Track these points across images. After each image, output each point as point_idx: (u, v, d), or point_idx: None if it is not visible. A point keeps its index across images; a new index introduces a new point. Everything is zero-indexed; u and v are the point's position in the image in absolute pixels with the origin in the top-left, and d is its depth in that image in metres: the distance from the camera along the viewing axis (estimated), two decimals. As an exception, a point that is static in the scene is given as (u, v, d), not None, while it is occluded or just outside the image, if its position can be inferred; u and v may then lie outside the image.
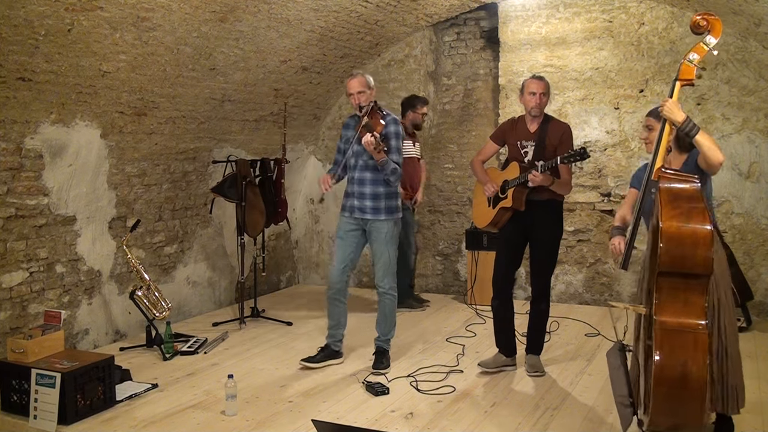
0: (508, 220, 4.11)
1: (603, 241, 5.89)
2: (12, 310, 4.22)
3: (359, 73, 4.21)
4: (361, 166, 4.19)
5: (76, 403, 3.51)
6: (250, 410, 3.68)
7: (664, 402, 2.45)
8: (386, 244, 4.21)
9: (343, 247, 4.27)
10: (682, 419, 2.49)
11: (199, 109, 5.20)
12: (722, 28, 2.82)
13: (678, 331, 2.51)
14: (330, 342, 4.42)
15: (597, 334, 5.02)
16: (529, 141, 4.07)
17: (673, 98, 2.81)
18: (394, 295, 4.30)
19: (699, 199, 2.63)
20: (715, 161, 2.78)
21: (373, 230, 4.21)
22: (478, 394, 3.89)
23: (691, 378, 2.44)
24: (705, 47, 2.80)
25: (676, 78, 2.84)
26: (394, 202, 4.24)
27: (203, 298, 5.88)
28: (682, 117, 2.77)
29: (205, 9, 4.23)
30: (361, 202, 4.18)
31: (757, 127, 5.34)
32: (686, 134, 2.81)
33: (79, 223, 4.66)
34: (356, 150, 4.19)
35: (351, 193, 4.24)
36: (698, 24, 2.80)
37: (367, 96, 4.14)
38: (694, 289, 2.57)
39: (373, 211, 4.17)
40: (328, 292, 4.35)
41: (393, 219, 4.23)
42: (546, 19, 5.96)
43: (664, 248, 2.53)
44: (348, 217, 4.26)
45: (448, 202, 6.57)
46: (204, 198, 5.73)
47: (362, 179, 4.18)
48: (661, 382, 2.45)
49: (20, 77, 3.83)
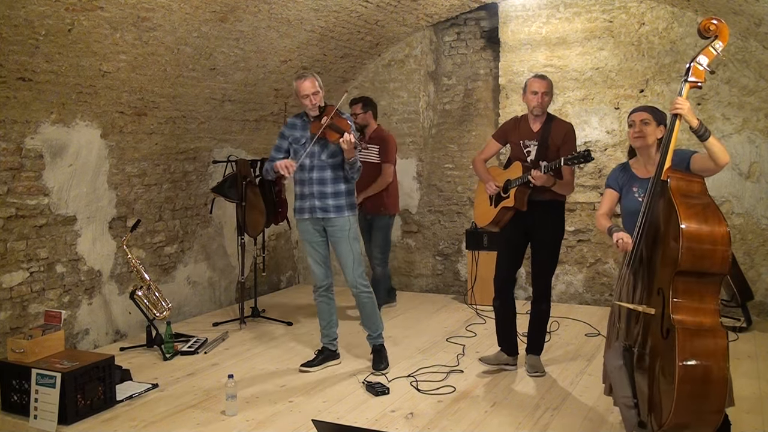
0: (510, 220, 4.11)
1: (603, 241, 5.89)
2: (12, 310, 4.22)
3: (309, 74, 4.13)
4: (319, 166, 4.13)
5: (76, 403, 3.51)
6: (250, 410, 3.68)
7: (688, 401, 2.47)
8: (351, 241, 4.19)
9: (314, 248, 4.25)
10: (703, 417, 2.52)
11: (200, 109, 5.20)
12: (729, 33, 2.83)
13: (696, 331, 2.54)
14: (326, 343, 4.41)
15: (597, 334, 5.02)
16: (531, 140, 4.06)
17: (683, 98, 2.79)
18: (369, 291, 4.29)
19: (708, 197, 2.68)
20: (723, 162, 2.80)
21: (336, 229, 4.17)
22: (479, 394, 3.89)
23: (713, 375, 2.48)
24: (714, 51, 2.80)
25: (685, 79, 2.82)
26: (352, 198, 4.25)
27: (203, 298, 5.88)
28: (696, 120, 2.77)
29: (205, 9, 4.23)
30: (323, 201, 4.13)
31: (758, 127, 5.34)
32: (699, 136, 2.79)
33: (80, 223, 4.66)
34: (311, 150, 4.11)
35: (309, 194, 4.15)
36: (708, 28, 2.80)
37: (320, 96, 4.10)
38: (708, 288, 2.62)
39: (335, 209, 4.14)
40: (316, 292, 4.35)
41: (354, 215, 4.24)
42: (546, 19, 5.97)
43: (685, 247, 2.56)
44: (308, 219, 4.19)
45: (448, 202, 6.57)
46: (204, 198, 5.73)
47: (322, 179, 4.13)
48: (686, 380, 2.47)
49: (20, 77, 3.83)
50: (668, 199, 2.67)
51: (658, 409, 2.60)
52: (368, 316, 4.32)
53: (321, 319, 4.40)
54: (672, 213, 2.62)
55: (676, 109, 2.78)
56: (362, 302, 4.29)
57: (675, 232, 2.59)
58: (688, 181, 2.73)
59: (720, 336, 2.53)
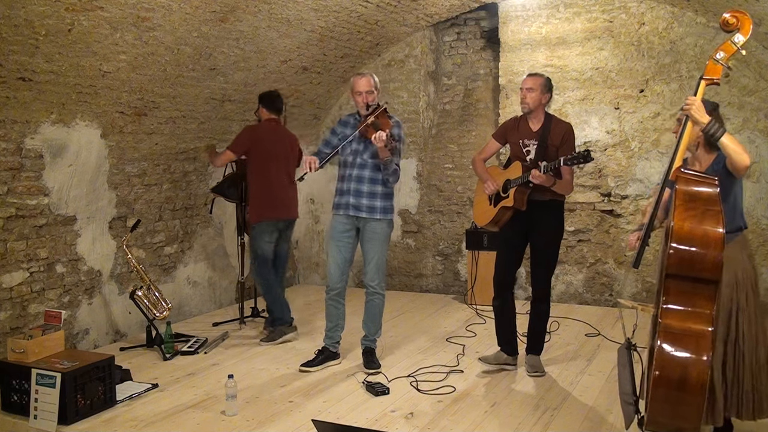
0: (509, 220, 4.11)
1: (603, 241, 5.89)
2: (12, 310, 4.22)
3: (368, 73, 4.22)
4: (360, 164, 4.17)
5: (76, 403, 3.51)
6: (250, 410, 3.68)
7: (663, 403, 2.45)
8: (380, 244, 4.20)
9: (339, 249, 4.24)
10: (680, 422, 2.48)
11: (200, 109, 5.20)
12: (751, 26, 2.71)
13: (681, 335, 2.47)
14: (328, 344, 4.41)
15: (597, 334, 5.02)
16: (531, 140, 4.07)
17: (697, 97, 2.72)
18: (383, 294, 4.31)
19: (716, 203, 2.55)
20: (741, 164, 2.71)
21: (367, 229, 4.19)
22: (479, 394, 3.89)
23: (690, 382, 2.41)
24: (733, 46, 2.70)
25: (701, 76, 2.74)
26: (389, 202, 4.23)
27: (203, 298, 5.88)
28: (707, 118, 2.70)
29: (205, 9, 4.23)
30: (357, 200, 4.15)
31: (758, 127, 5.34)
32: (711, 136, 2.72)
33: (80, 223, 4.66)
34: (355, 148, 4.18)
35: (346, 190, 4.19)
36: (728, 22, 2.71)
37: (374, 97, 4.16)
38: (701, 295, 2.50)
39: (368, 210, 4.15)
40: (328, 294, 4.33)
41: (387, 219, 4.22)
42: (546, 19, 5.96)
43: (673, 249, 2.48)
44: (342, 215, 4.22)
45: (448, 202, 6.57)
46: (204, 198, 5.73)
47: (360, 177, 4.16)
48: (660, 383, 2.44)
49: (20, 77, 3.83)
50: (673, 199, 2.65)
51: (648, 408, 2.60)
52: (372, 318, 4.33)
53: (328, 320, 4.39)
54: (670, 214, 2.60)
55: (686, 108, 2.72)
56: (372, 303, 4.31)
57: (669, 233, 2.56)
58: (699, 183, 2.59)
59: (704, 345, 2.43)
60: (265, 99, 5.06)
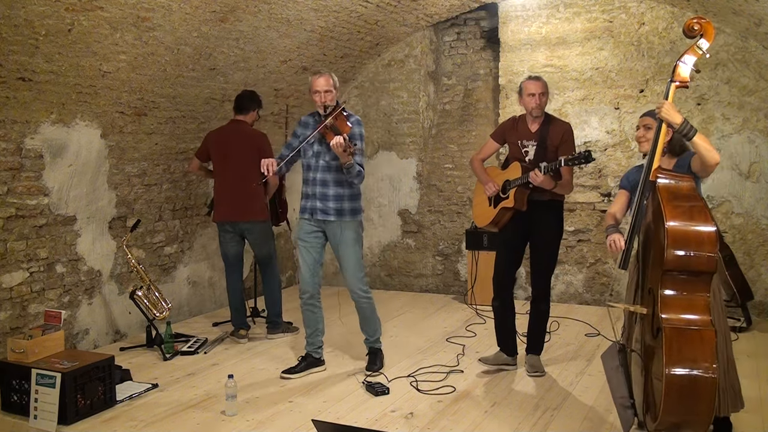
0: (509, 220, 4.11)
1: (603, 241, 5.89)
2: (12, 310, 4.22)
3: (326, 71, 4.08)
4: (323, 167, 4.04)
5: (76, 403, 3.51)
6: (250, 410, 3.68)
7: (677, 400, 2.47)
8: (353, 246, 4.10)
9: (308, 250, 4.14)
10: (693, 417, 2.52)
11: (199, 109, 5.20)
12: (714, 32, 2.88)
13: (685, 330, 2.54)
14: (310, 350, 4.31)
15: (597, 334, 5.02)
16: (530, 141, 4.06)
17: (668, 100, 2.83)
18: (369, 296, 4.22)
19: (697, 198, 2.69)
20: (712, 161, 2.81)
21: (337, 233, 4.08)
22: (479, 394, 3.89)
23: (701, 376, 2.47)
24: (699, 50, 2.86)
25: (671, 80, 2.87)
26: (357, 203, 4.12)
27: (203, 298, 5.88)
28: (679, 119, 2.80)
29: (205, 9, 4.23)
30: (324, 203, 4.05)
31: (758, 127, 5.34)
32: (684, 136, 2.83)
33: (79, 223, 4.66)
34: (317, 150, 4.05)
35: (312, 194, 4.07)
36: (692, 28, 2.86)
37: (333, 96, 4.01)
38: (697, 286, 2.61)
39: (336, 213, 4.04)
40: (302, 299, 4.21)
41: (357, 220, 4.13)
42: (546, 19, 5.96)
43: (670, 248, 2.56)
44: (309, 219, 4.11)
45: (448, 202, 6.57)
46: (204, 198, 5.73)
47: (325, 180, 4.04)
48: (673, 380, 2.47)
49: (20, 77, 3.83)
50: (656, 199, 2.69)
51: (653, 409, 2.60)
52: (366, 321, 4.28)
53: (307, 327, 4.29)
54: (659, 213, 2.64)
55: (658, 111, 2.84)
56: (361, 307, 4.24)
57: (662, 232, 2.60)
58: (677, 181, 2.75)
59: (707, 335, 2.52)
60: (235, 100, 5.03)
